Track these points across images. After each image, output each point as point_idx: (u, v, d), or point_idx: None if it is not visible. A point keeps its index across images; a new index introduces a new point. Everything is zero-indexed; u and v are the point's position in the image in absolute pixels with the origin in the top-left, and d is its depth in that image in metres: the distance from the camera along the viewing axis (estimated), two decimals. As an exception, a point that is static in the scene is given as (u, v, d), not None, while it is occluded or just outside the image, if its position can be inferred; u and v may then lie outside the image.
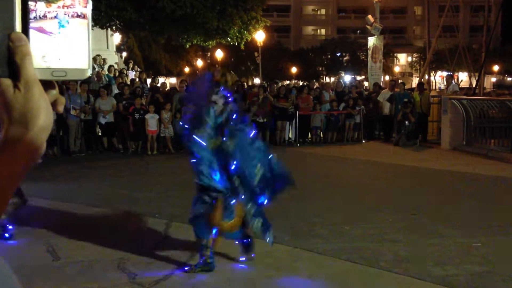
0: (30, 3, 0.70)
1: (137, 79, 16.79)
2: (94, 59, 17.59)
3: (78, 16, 0.72)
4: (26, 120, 0.69)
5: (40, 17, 0.71)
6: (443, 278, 4.75)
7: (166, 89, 15.45)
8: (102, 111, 13.03)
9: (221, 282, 4.74)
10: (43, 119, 0.70)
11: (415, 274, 4.84)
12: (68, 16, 0.71)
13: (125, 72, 18.18)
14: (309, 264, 5.14)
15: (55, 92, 0.74)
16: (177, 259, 5.21)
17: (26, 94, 0.69)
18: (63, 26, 0.71)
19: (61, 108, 0.75)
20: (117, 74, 17.09)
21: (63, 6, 0.71)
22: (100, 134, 13.51)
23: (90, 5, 0.72)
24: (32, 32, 0.70)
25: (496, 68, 49.20)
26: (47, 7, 0.71)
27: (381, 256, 5.33)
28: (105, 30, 18.87)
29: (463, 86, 26.58)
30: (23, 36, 0.69)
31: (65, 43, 0.71)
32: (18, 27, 0.69)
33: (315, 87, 16.86)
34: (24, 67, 0.69)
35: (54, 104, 0.74)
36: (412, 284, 4.68)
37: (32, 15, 0.70)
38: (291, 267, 5.08)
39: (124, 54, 27.67)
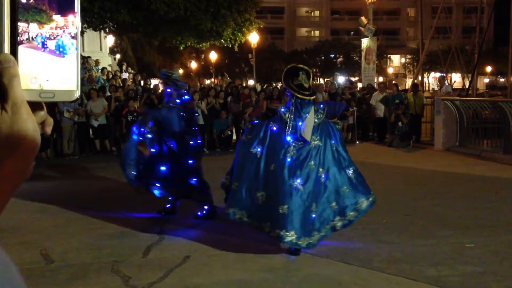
0: (22, 24, 0.68)
1: (130, 81, 16.75)
2: (87, 61, 17.55)
3: (72, 37, 0.71)
4: (12, 142, 0.66)
5: (32, 39, 0.69)
6: (437, 278, 4.77)
7: (160, 91, 15.42)
8: (93, 114, 12.98)
9: (214, 285, 4.72)
10: (29, 141, 0.67)
11: (408, 274, 4.86)
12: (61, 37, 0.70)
13: (118, 74, 18.14)
14: (302, 266, 5.14)
15: (43, 113, 0.72)
16: (171, 262, 5.19)
17: (13, 116, 0.66)
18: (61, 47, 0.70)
19: (49, 130, 0.72)
20: (110, 76, 17.05)
21: (56, 28, 0.70)
22: (92, 136, 13.47)
23: (79, 26, 0.72)
24: (23, 52, 0.69)
25: (489, 69, 49.48)
26: (40, 29, 0.70)
27: (375, 257, 5.34)
28: (98, 32, 18.84)
29: (456, 87, 26.70)
30: (11, 57, 0.67)
31: (54, 64, 0.70)
32: (6, 48, 0.68)
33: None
34: (11, 89, 0.66)
35: (42, 125, 0.72)
36: (405, 284, 4.69)
37: (24, 36, 0.69)
38: (285, 269, 5.07)
39: (118, 56, 27.61)
